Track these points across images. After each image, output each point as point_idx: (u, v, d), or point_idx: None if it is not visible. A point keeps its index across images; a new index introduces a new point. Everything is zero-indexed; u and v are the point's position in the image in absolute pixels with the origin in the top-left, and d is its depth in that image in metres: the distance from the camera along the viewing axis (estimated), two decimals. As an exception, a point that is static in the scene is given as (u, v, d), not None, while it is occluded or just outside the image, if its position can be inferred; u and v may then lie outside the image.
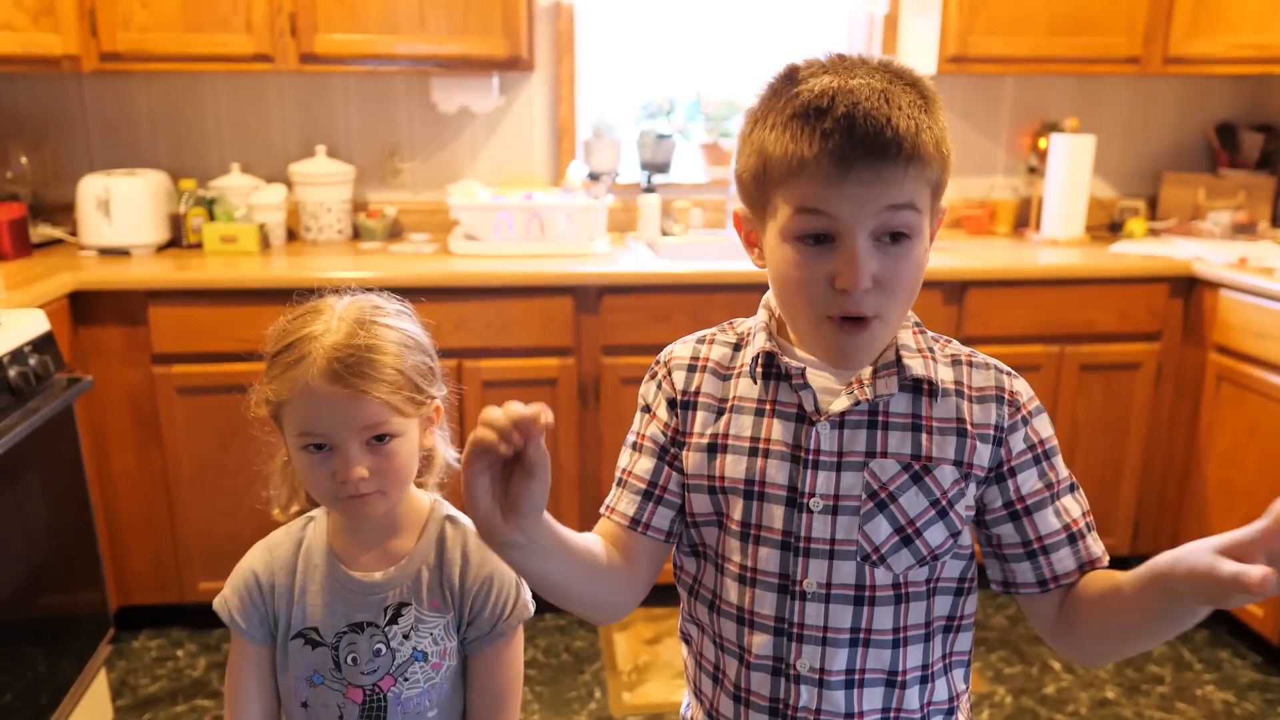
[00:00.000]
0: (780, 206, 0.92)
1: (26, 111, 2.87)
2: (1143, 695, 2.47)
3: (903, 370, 0.97)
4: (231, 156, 2.94)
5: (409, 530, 1.13)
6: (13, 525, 1.91)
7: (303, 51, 2.61)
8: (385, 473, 1.04)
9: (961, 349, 1.03)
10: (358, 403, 1.02)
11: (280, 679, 1.14)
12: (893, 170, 0.88)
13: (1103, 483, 2.86)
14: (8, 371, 1.89)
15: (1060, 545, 0.99)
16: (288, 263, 2.65)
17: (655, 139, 3.01)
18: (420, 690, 1.10)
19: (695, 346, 1.06)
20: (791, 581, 0.98)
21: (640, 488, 1.03)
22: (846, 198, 0.88)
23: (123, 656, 2.57)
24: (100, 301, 2.43)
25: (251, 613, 1.13)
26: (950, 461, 0.97)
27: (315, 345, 1.03)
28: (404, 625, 1.09)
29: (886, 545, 0.97)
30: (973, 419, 0.98)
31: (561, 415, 2.61)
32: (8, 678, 1.85)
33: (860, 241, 0.89)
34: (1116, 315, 2.75)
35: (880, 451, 0.97)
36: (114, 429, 2.51)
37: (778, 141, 0.90)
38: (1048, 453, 1.00)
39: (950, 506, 0.97)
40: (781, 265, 0.93)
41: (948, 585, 1.01)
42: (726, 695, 1.04)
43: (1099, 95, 3.25)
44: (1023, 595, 1.02)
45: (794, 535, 0.98)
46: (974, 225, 3.16)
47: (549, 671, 2.54)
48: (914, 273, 0.92)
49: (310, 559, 1.13)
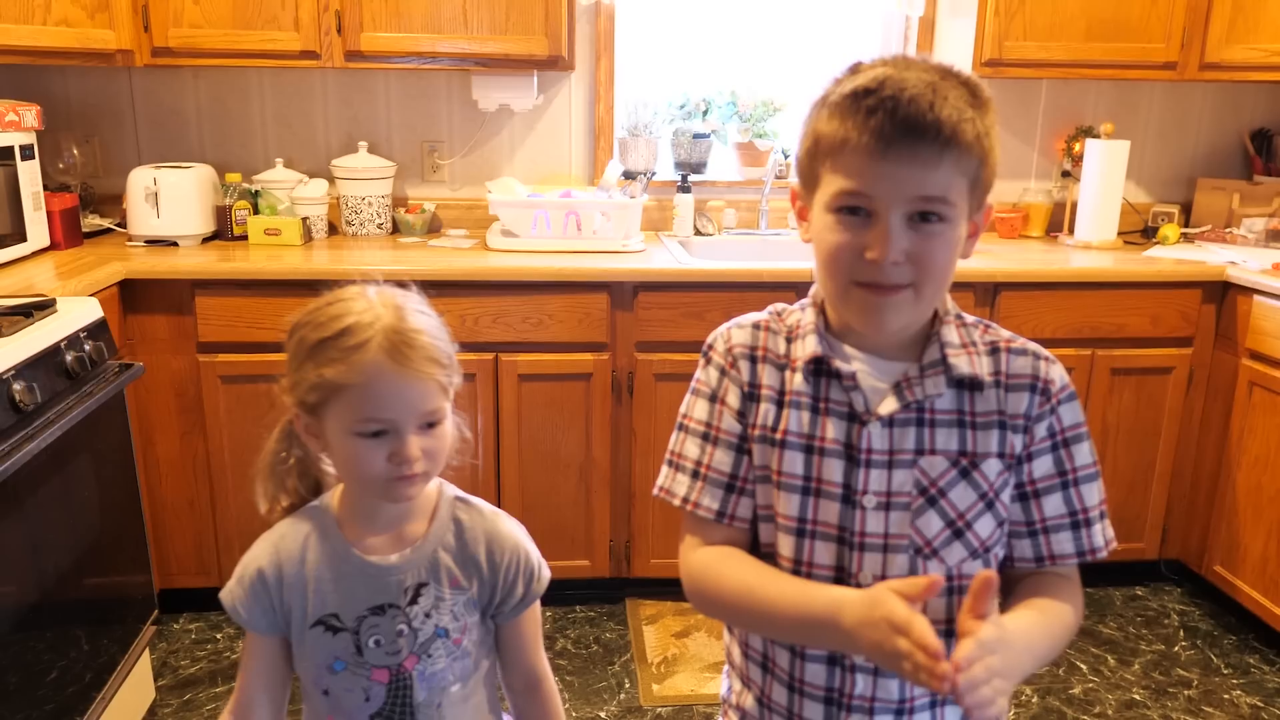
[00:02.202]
0: (826, 179, 0.97)
1: (78, 104, 2.94)
2: (1170, 698, 2.48)
3: (949, 369, 1.00)
4: (275, 151, 3.00)
5: (420, 513, 1.15)
6: (65, 506, 1.97)
7: (348, 49, 2.66)
8: (434, 454, 1.08)
9: (1000, 334, 1.06)
10: (421, 385, 1.05)
11: (300, 669, 1.15)
12: (929, 152, 0.91)
13: (1132, 486, 2.87)
14: (65, 356, 1.95)
15: (1062, 529, 1.03)
16: (329, 255, 2.70)
17: (691, 139, 3.04)
18: (444, 666, 1.13)
19: (754, 333, 1.08)
20: (847, 575, 1.01)
21: (722, 480, 1.06)
22: (883, 175, 0.93)
23: (164, 638, 2.63)
24: (148, 290, 2.49)
25: (254, 605, 1.13)
26: (995, 454, 1.01)
27: (374, 329, 1.04)
28: (425, 605, 1.12)
29: (938, 539, 1.00)
30: (1008, 409, 1.01)
31: (595, 410, 2.65)
32: (57, 655, 1.90)
33: (893, 219, 0.93)
34: (1149, 320, 2.75)
35: (929, 449, 1.00)
36: (159, 415, 2.57)
37: (829, 121, 0.96)
38: (1068, 440, 1.03)
39: (997, 497, 1.01)
40: (822, 233, 0.98)
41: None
42: (780, 684, 1.07)
43: (1134, 100, 3.25)
44: (1016, 570, 1.06)
45: (849, 530, 1.01)
46: (1007, 228, 3.17)
47: (579, 662, 2.58)
48: (946, 252, 0.96)
49: (320, 547, 1.13)
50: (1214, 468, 2.82)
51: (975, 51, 2.85)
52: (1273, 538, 2.58)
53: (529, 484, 2.69)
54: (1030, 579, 1.05)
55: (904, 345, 1.03)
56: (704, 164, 3.08)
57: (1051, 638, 0.99)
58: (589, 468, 2.70)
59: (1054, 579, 1.05)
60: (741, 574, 1.03)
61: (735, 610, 1.04)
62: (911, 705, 1.04)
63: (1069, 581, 1.05)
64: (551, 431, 2.66)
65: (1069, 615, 1.02)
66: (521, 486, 2.68)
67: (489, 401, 2.62)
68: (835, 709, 1.04)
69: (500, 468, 2.66)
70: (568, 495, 2.71)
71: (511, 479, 2.67)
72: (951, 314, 1.05)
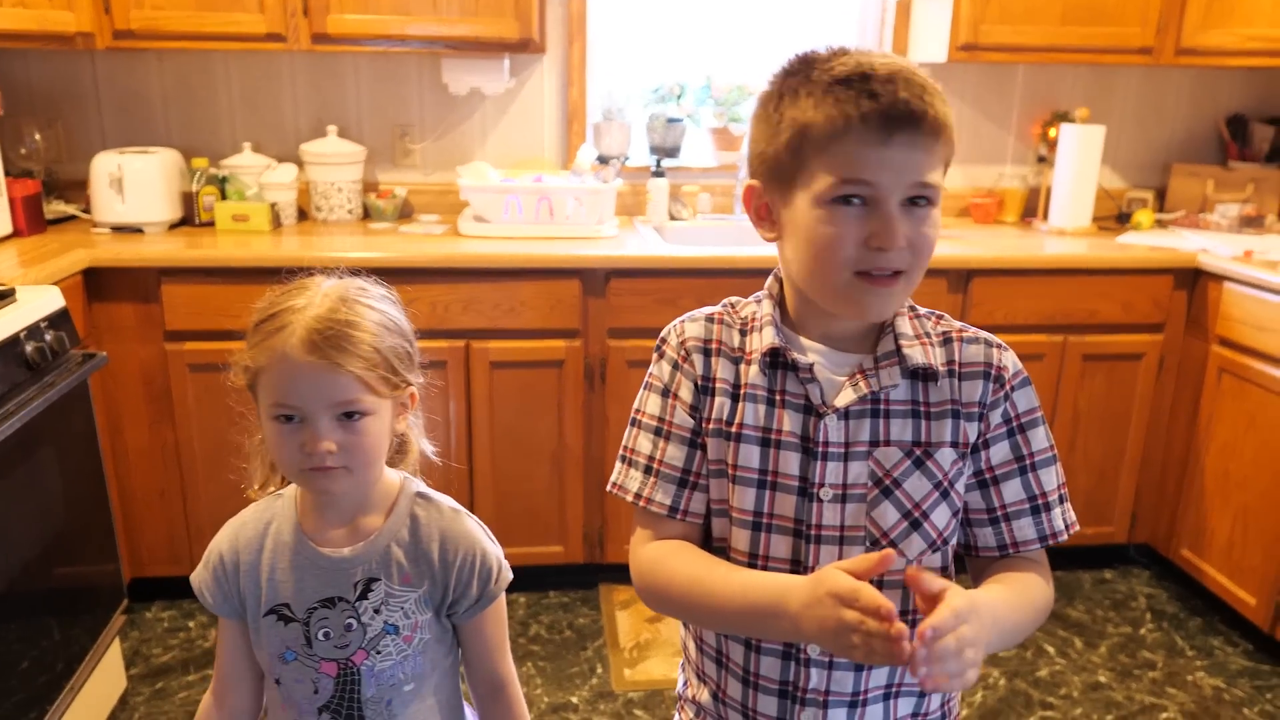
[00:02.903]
0: (819, 173, 0.94)
1: (40, 88, 2.89)
2: (1134, 680, 2.51)
3: (903, 360, 1.00)
4: (243, 135, 2.96)
5: (378, 508, 1.15)
6: (29, 497, 1.95)
7: (315, 31, 2.62)
8: (353, 449, 1.05)
9: (953, 324, 1.06)
10: (332, 375, 1.03)
11: (258, 656, 1.16)
12: (927, 138, 0.93)
13: (1103, 473, 2.89)
14: (24, 347, 1.92)
15: (1023, 514, 1.04)
16: (298, 242, 2.68)
17: (665, 123, 3.02)
18: (393, 663, 1.13)
19: (707, 326, 1.08)
20: (803, 567, 1.01)
21: (675, 476, 1.06)
22: (888, 163, 0.92)
23: (136, 627, 2.63)
24: (113, 279, 2.46)
25: (217, 589, 1.15)
26: (948, 443, 1.01)
27: (296, 316, 1.04)
28: (374, 600, 1.12)
29: (895, 530, 1.01)
30: (962, 398, 1.02)
31: (568, 397, 2.64)
32: (26, 645, 1.90)
33: (894, 205, 0.93)
34: (1120, 306, 2.76)
35: (884, 440, 1.00)
36: (127, 405, 2.55)
37: (818, 109, 0.94)
38: (1024, 425, 1.04)
39: (951, 486, 1.02)
40: (813, 227, 0.96)
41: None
42: (735, 679, 1.07)
43: (1110, 85, 3.25)
44: (980, 559, 1.06)
45: (805, 523, 1.01)
46: (981, 214, 3.17)
47: (552, 647, 2.59)
48: (935, 233, 0.97)
49: (279, 536, 1.14)
50: (1183, 453, 2.84)
51: (951, 36, 2.83)
52: (1239, 522, 2.61)
53: (502, 471, 2.68)
54: (1000, 564, 1.05)
55: (858, 337, 1.04)
56: (678, 148, 3.06)
57: (1020, 612, 0.98)
58: (562, 454, 2.69)
59: (1021, 562, 1.05)
60: (690, 567, 1.02)
61: (683, 604, 1.03)
62: (865, 698, 1.04)
63: (1037, 565, 1.05)
64: (524, 418, 2.65)
65: (1039, 592, 1.01)
66: (494, 473, 2.68)
67: (460, 389, 2.61)
68: (790, 702, 1.04)
69: (473, 455, 2.65)
70: (541, 482, 2.71)
71: (484, 466, 2.67)
72: (906, 305, 1.05)
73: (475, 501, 2.68)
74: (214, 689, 1.20)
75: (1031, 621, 1.00)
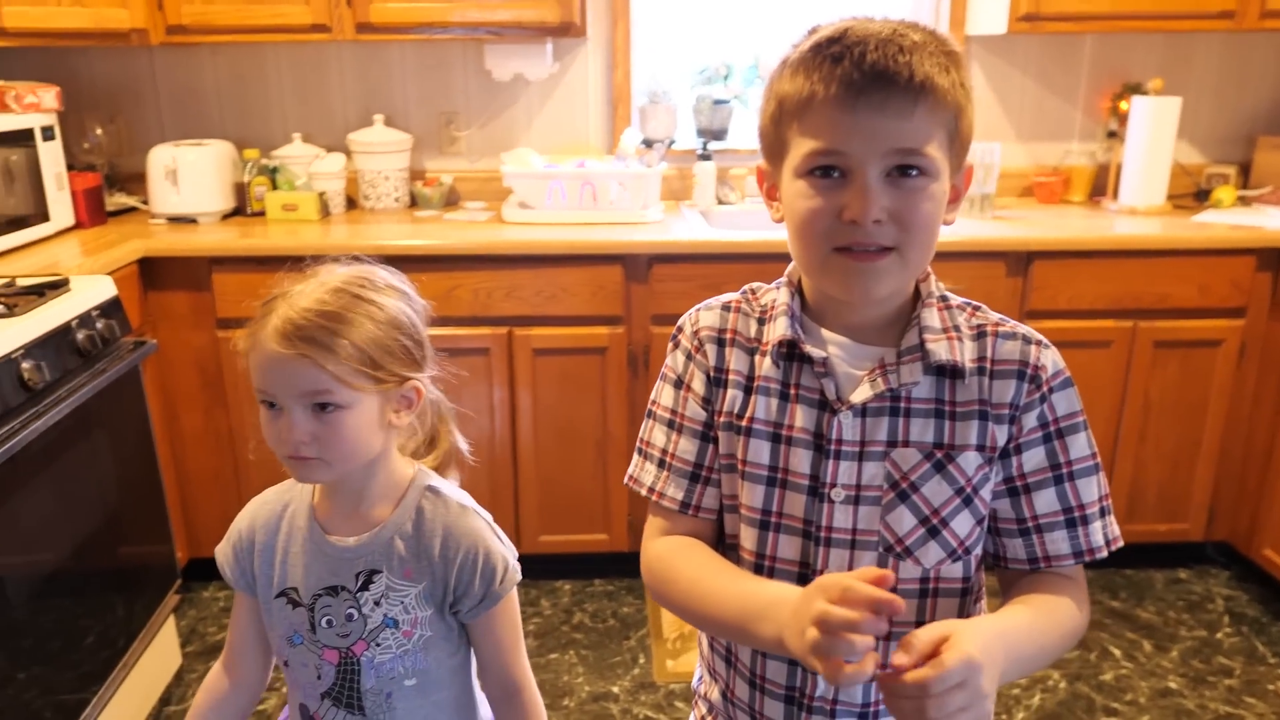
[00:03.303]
0: (794, 143, 0.91)
1: (102, 84, 2.98)
2: (1209, 687, 2.36)
3: (926, 356, 0.94)
4: (294, 126, 3.01)
5: (388, 499, 1.14)
6: (83, 480, 2.01)
7: (358, 21, 2.64)
8: (327, 441, 1.04)
9: (990, 317, 0.99)
10: (298, 367, 1.02)
11: (269, 636, 1.17)
12: (901, 101, 0.86)
13: (1176, 464, 2.73)
14: (75, 335, 1.98)
15: (1056, 527, 0.96)
16: (346, 230, 2.71)
17: (711, 105, 2.95)
18: (392, 656, 1.12)
19: (722, 315, 1.03)
20: (811, 570, 0.97)
21: (687, 470, 1.02)
22: (855, 128, 0.86)
23: (193, 605, 2.70)
24: (168, 268, 2.53)
25: (236, 565, 1.17)
26: (973, 447, 0.94)
27: (281, 305, 1.04)
28: (375, 592, 1.11)
29: (911, 537, 0.95)
30: (992, 398, 0.94)
31: (611, 384, 2.61)
32: (83, 622, 1.96)
33: (871, 175, 0.87)
34: (1196, 289, 2.60)
35: (902, 440, 0.94)
36: (182, 390, 2.61)
37: (792, 80, 0.90)
38: (1062, 431, 0.96)
39: (975, 493, 0.95)
40: (794, 201, 0.92)
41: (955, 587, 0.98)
42: (742, 680, 1.04)
43: (1188, 53, 3.06)
44: (1010, 571, 0.99)
45: (815, 525, 0.96)
46: (1045, 193, 3.02)
47: (595, 636, 2.57)
48: (931, 208, 0.89)
49: (294, 520, 1.15)
50: (1267, 445, 2.66)
51: (1011, 5, 2.70)
52: (1324, 520, 2.44)
53: (546, 458, 2.67)
54: (1030, 580, 0.98)
55: (883, 328, 0.97)
56: (725, 131, 2.99)
57: (1043, 638, 0.90)
58: (605, 442, 2.67)
59: (1054, 578, 0.97)
60: (693, 568, 0.98)
61: (684, 605, 0.99)
62: (875, 709, 0.99)
63: (1072, 582, 0.97)
64: (567, 406, 2.64)
65: (1068, 618, 0.93)
66: (538, 461, 2.67)
67: (504, 376, 2.60)
68: (796, 709, 1.00)
69: (516, 443, 2.65)
70: (585, 469, 2.69)
71: (528, 454, 2.66)
72: (935, 295, 0.98)
73: (519, 489, 2.68)
74: (224, 660, 1.22)
75: (1056, 649, 0.92)
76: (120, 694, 2.07)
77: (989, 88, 3.06)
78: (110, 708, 2.03)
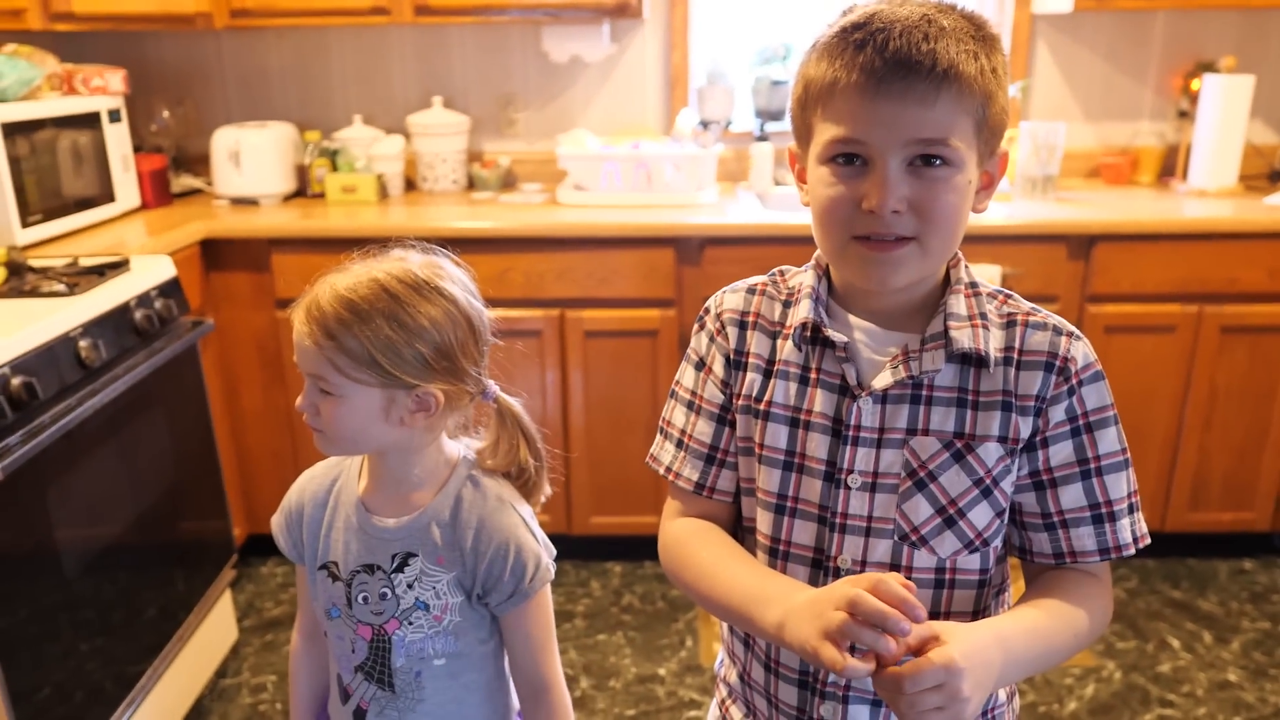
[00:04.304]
0: (818, 129, 0.90)
1: (170, 68, 3.05)
2: (1270, 680, 2.31)
3: (950, 343, 0.92)
4: (355, 108, 3.05)
5: (431, 482, 1.15)
6: (141, 456, 2.07)
7: (417, 3, 2.66)
8: (324, 419, 1.08)
9: (1021, 306, 0.97)
10: (308, 346, 1.06)
11: (313, 606, 1.21)
12: (924, 88, 0.84)
13: (1243, 453, 2.65)
14: (134, 314, 2.04)
15: (1083, 523, 0.94)
16: (404, 212, 2.74)
17: (769, 85, 2.93)
18: (423, 636, 1.14)
19: (746, 298, 1.03)
20: (826, 557, 0.96)
21: (703, 452, 1.03)
22: (878, 117, 0.85)
23: (251, 581, 2.77)
24: (229, 249, 2.58)
25: (288, 536, 1.21)
26: (995, 438, 0.92)
27: (325, 282, 1.08)
28: (409, 575, 1.13)
29: (927, 526, 0.94)
30: (1018, 389, 0.92)
31: (662, 367, 2.61)
32: (142, 595, 2.03)
33: (891, 164, 0.86)
34: (1266, 273, 2.52)
35: (922, 428, 0.93)
36: (243, 369, 2.67)
37: (817, 65, 0.89)
38: (1091, 425, 0.94)
39: (995, 485, 0.93)
40: (816, 187, 0.91)
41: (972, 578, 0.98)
42: (758, 663, 1.04)
43: (1263, 30, 2.95)
44: (1035, 565, 0.98)
45: (830, 510, 0.96)
46: (1113, 174, 2.94)
47: (643, 618, 2.58)
48: (952, 199, 0.88)
49: (341, 496, 1.18)
50: (1339, 435, 2.58)
51: (1077, -18, 2.63)
52: (1399, 514, 2.35)
53: (596, 440, 2.68)
54: (1051, 573, 0.97)
55: (910, 314, 0.96)
56: (783, 112, 2.96)
57: (1050, 640, 0.90)
58: (656, 424, 2.66)
59: (1077, 575, 0.96)
60: (706, 552, 0.99)
61: (694, 588, 0.99)
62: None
63: (1095, 580, 0.96)
64: (618, 388, 2.65)
65: (1082, 620, 0.93)
66: (589, 442, 2.68)
67: (556, 358, 2.62)
68: (810, 694, 1.00)
69: (567, 424, 2.67)
70: (635, 451, 2.69)
71: (579, 435, 2.67)
72: (964, 282, 0.96)
73: (571, 471, 2.69)
74: (301, 627, 1.27)
75: (1068, 649, 0.92)
76: (176, 666, 2.14)
77: (1055, 67, 2.99)
78: (166, 679, 2.09)
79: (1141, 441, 2.62)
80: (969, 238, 1.02)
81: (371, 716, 1.18)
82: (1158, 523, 2.70)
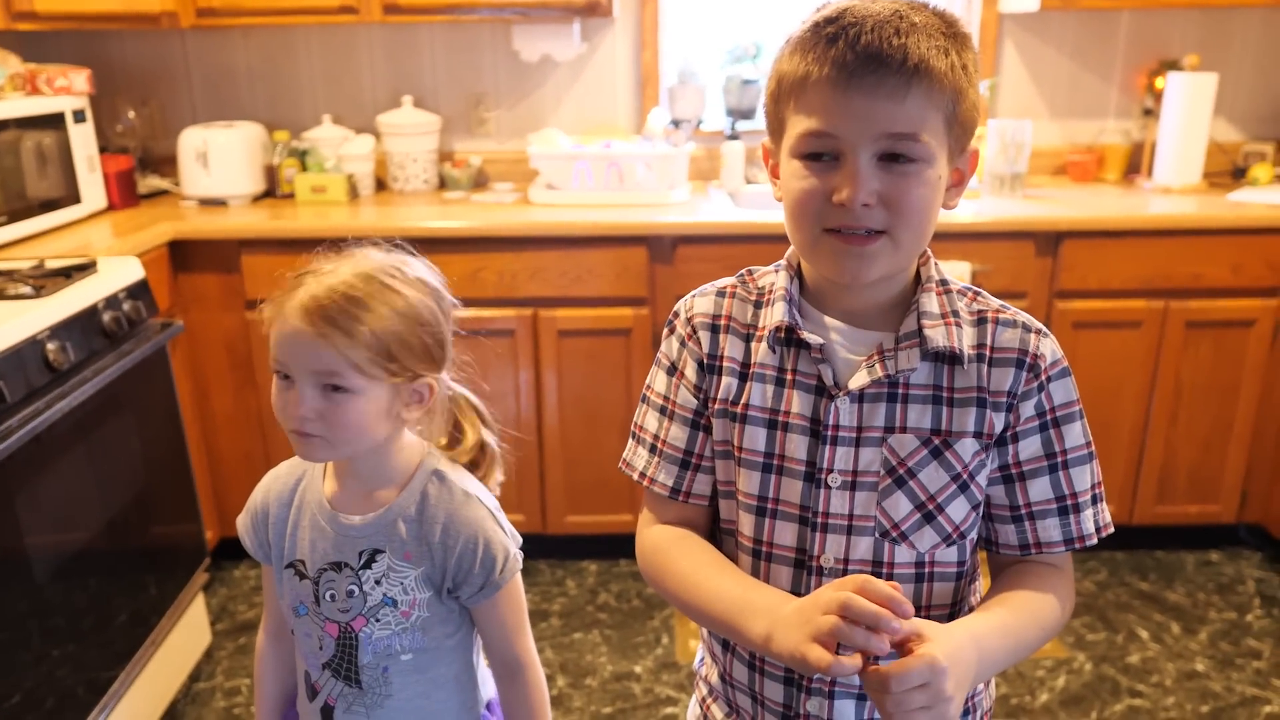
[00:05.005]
0: (790, 122, 0.91)
1: (135, 68, 3.01)
2: (1236, 669, 2.35)
3: (924, 342, 0.93)
4: (324, 108, 3.03)
5: (395, 482, 1.15)
6: (111, 460, 2.05)
7: (386, 2, 2.65)
8: (332, 421, 1.05)
9: (990, 303, 0.98)
10: (316, 345, 1.03)
11: (279, 604, 1.20)
12: (895, 83, 0.85)
13: (1208, 446, 2.70)
14: (102, 316, 2.01)
15: (1049, 514, 0.97)
16: (375, 212, 2.72)
17: (740, 84, 2.94)
18: (390, 633, 1.14)
19: (716, 301, 1.03)
20: (808, 556, 0.97)
21: (677, 457, 1.03)
22: (850, 111, 0.86)
23: (224, 584, 2.75)
24: (197, 250, 2.55)
25: (254, 536, 1.21)
26: (970, 433, 0.94)
27: (310, 281, 1.06)
28: (376, 571, 1.13)
29: (907, 522, 0.95)
30: (990, 385, 0.94)
31: (636, 365, 2.62)
32: (113, 599, 2.00)
33: (862, 159, 0.87)
34: (1229, 269, 2.56)
35: (899, 426, 0.94)
36: (213, 371, 2.65)
37: (790, 59, 0.90)
38: (1058, 420, 0.96)
39: (972, 479, 0.95)
40: (789, 181, 0.92)
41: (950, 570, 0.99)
42: (740, 662, 1.04)
43: (1226, 29, 3.00)
44: (1001, 556, 1.01)
45: (811, 510, 0.96)
46: (1079, 171, 2.98)
47: (619, 616, 2.59)
48: (922, 193, 0.89)
49: (306, 495, 1.17)
50: (1301, 427, 2.63)
51: (1043, -19, 2.66)
52: (1359, 504, 2.40)
53: (571, 439, 2.68)
54: (1015, 567, 0.99)
55: (882, 313, 0.97)
56: (754, 110, 2.97)
57: (1018, 642, 0.93)
58: (627, 424, 2.67)
59: (1040, 569, 0.99)
60: (688, 561, 0.99)
61: (676, 596, 1.00)
62: None
63: (1058, 572, 0.99)
64: (592, 387, 2.65)
65: (1048, 614, 0.96)
66: (563, 442, 2.68)
67: (529, 358, 2.61)
68: (796, 690, 1.00)
69: (542, 423, 2.66)
70: (609, 450, 2.70)
71: (553, 434, 2.67)
72: (934, 280, 0.97)
73: (545, 470, 2.69)
74: (266, 627, 1.26)
75: (1034, 644, 0.95)
76: (149, 670, 2.12)
77: (1022, 65, 3.02)
78: (139, 684, 2.07)
79: (1109, 436, 2.66)
80: (938, 235, 1.03)
81: (339, 713, 1.18)
82: (1125, 516, 2.74)
